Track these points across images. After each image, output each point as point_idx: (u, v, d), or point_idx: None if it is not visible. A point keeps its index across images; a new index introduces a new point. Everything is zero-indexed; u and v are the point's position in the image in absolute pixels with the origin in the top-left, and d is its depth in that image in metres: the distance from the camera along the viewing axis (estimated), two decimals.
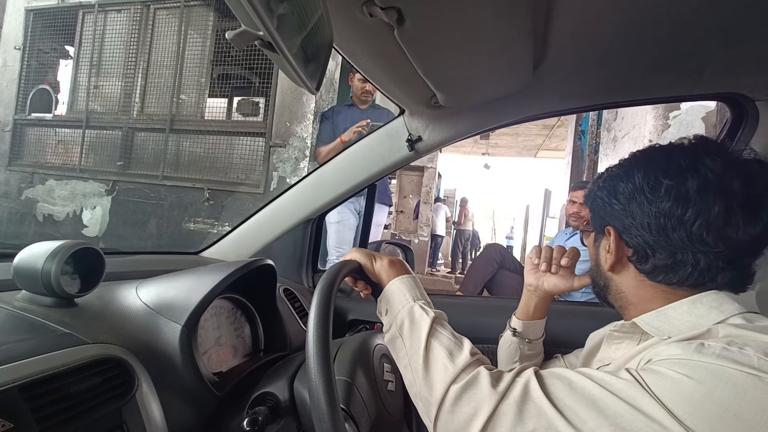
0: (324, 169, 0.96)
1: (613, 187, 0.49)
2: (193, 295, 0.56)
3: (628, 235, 0.47)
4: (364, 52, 0.55)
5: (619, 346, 0.50)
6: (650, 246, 0.45)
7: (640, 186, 0.45)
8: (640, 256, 0.47)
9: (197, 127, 3.03)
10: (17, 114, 3.57)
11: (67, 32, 3.52)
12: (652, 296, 0.47)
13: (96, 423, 0.41)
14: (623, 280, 0.50)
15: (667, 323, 0.44)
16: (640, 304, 0.48)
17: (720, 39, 0.56)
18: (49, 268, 0.48)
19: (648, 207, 0.44)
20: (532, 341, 0.68)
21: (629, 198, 0.46)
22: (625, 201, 0.47)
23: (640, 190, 0.45)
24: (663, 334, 0.43)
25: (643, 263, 0.46)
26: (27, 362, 0.39)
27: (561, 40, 0.58)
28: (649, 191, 0.45)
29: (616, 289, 0.51)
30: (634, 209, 0.46)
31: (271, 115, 2.77)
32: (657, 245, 0.44)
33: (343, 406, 0.47)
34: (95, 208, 3.23)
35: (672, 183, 0.43)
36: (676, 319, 0.44)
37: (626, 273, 0.49)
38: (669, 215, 0.43)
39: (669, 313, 0.44)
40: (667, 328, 0.43)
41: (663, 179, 0.44)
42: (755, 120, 0.69)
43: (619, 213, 0.48)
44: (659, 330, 0.44)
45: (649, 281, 0.47)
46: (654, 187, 0.44)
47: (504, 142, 7.99)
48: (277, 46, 0.26)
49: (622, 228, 0.48)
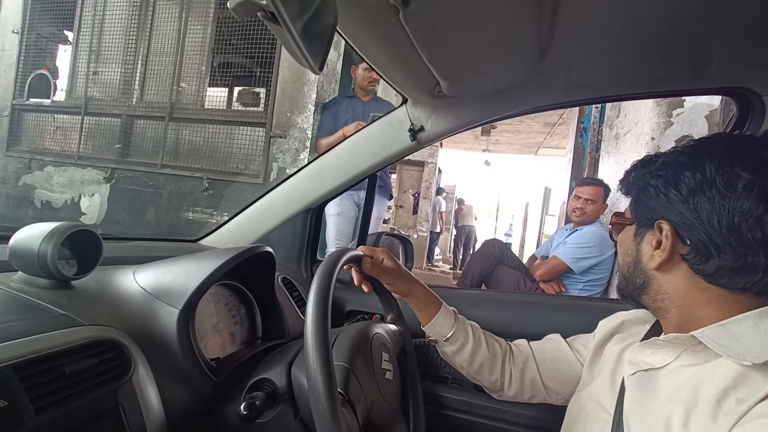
0: (325, 158, 0.95)
1: (673, 176, 0.44)
2: (191, 280, 0.56)
3: (687, 231, 0.42)
4: (368, 36, 0.54)
5: (657, 351, 0.46)
6: (716, 245, 0.40)
7: (711, 178, 0.40)
8: (699, 255, 0.42)
9: (197, 115, 3.00)
10: (15, 99, 3.53)
11: (67, 17, 3.47)
12: (706, 300, 0.43)
13: (91, 404, 0.40)
14: (670, 281, 0.45)
15: (734, 340, 0.39)
16: (688, 307, 0.44)
17: (727, 32, 0.55)
18: (45, 250, 0.48)
19: (721, 202, 0.40)
20: (448, 338, 0.69)
21: (695, 190, 0.41)
22: (688, 193, 0.42)
23: (711, 183, 0.40)
24: (734, 355, 0.38)
25: (703, 263, 0.42)
26: (22, 341, 0.39)
27: (567, 29, 0.57)
28: (724, 185, 0.40)
29: (659, 290, 0.46)
30: (701, 203, 0.41)
31: (271, 105, 2.75)
32: (725, 245, 0.40)
33: (340, 390, 0.47)
34: (93, 196, 3.22)
35: (754, 178, 0.39)
36: (744, 336, 0.39)
37: (676, 272, 0.44)
38: (747, 214, 0.39)
39: (733, 329, 0.40)
40: (735, 347, 0.38)
41: (742, 173, 0.39)
42: (761, 115, 0.68)
43: (679, 206, 0.43)
44: (728, 349, 0.39)
45: (705, 283, 0.42)
46: (730, 181, 0.39)
47: (505, 139, 7.96)
48: (280, 16, 0.25)
49: (681, 223, 0.43)
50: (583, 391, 0.59)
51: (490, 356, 0.69)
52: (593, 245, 1.97)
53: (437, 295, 0.72)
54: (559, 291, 2.04)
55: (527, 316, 0.86)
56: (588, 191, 2.05)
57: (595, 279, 2.02)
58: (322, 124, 2.47)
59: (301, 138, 2.67)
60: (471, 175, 14.00)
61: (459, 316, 0.72)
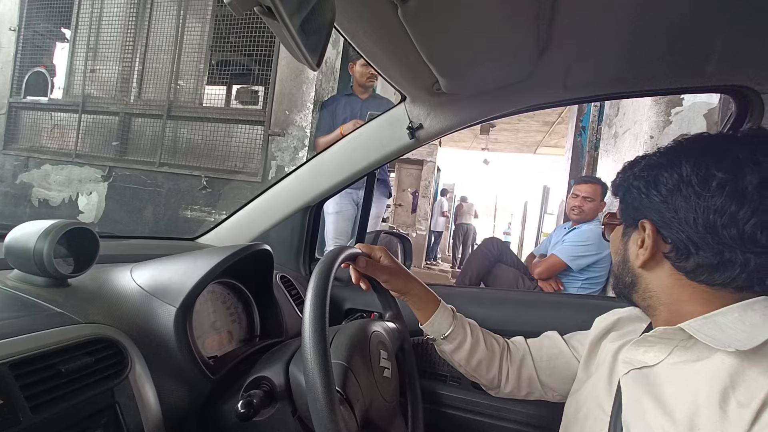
0: (323, 156, 0.95)
1: (653, 177, 0.45)
2: (189, 278, 0.55)
3: (667, 229, 0.43)
4: (367, 32, 0.54)
5: (650, 349, 0.46)
6: (694, 243, 0.41)
7: (687, 177, 0.41)
8: (680, 253, 0.43)
9: (195, 114, 2.99)
10: (12, 97, 3.51)
11: (64, 14, 3.45)
12: (690, 297, 0.44)
13: (88, 402, 0.40)
14: (655, 278, 0.46)
15: (720, 331, 0.40)
16: (674, 304, 0.45)
17: (726, 30, 0.55)
18: (42, 248, 0.48)
19: (696, 201, 0.41)
20: (446, 336, 0.68)
21: (673, 190, 0.43)
22: (667, 193, 0.43)
23: (687, 182, 0.41)
24: (721, 344, 0.39)
25: (683, 261, 0.43)
26: (18, 339, 0.39)
27: (566, 27, 0.57)
28: (699, 184, 0.41)
29: (646, 288, 0.47)
30: (678, 202, 0.42)
31: (270, 103, 2.74)
32: (702, 242, 0.41)
33: (338, 389, 0.47)
34: (91, 194, 3.21)
35: (727, 176, 0.39)
36: (729, 327, 0.39)
37: (660, 270, 0.46)
38: (721, 211, 0.39)
39: (719, 320, 0.40)
40: (723, 338, 0.39)
41: (716, 171, 0.40)
42: (760, 113, 0.68)
43: (659, 206, 0.44)
44: (715, 340, 0.39)
45: (687, 280, 0.43)
46: (705, 180, 0.40)
47: (504, 137, 7.96)
48: (276, 11, 0.25)
49: (662, 222, 0.44)
50: (580, 390, 0.59)
51: (487, 354, 0.69)
52: (591, 243, 1.98)
53: (435, 294, 0.72)
54: (557, 289, 2.05)
55: (525, 313, 0.86)
56: (586, 189, 2.06)
57: (594, 277, 2.02)
58: (321, 122, 2.47)
59: (299, 136, 2.67)
60: (470, 174, 14.00)
61: (457, 314, 0.72)
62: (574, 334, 0.70)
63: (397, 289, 0.69)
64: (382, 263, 0.68)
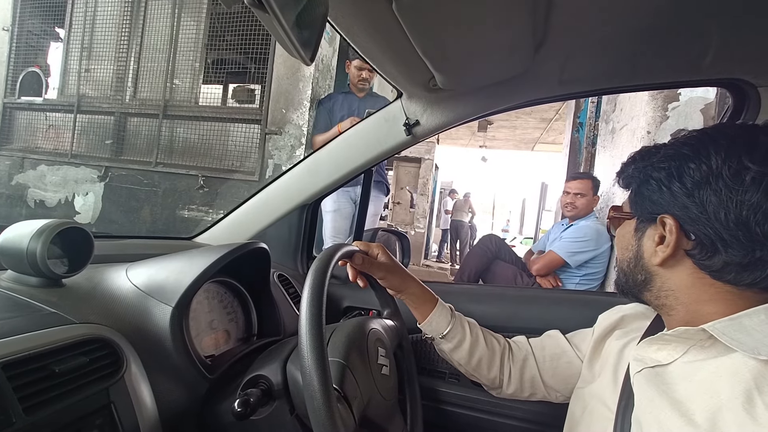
0: (320, 153, 0.94)
1: (676, 168, 0.42)
2: (185, 277, 0.55)
3: (692, 225, 0.40)
4: (362, 28, 0.54)
5: (664, 347, 0.44)
6: (723, 240, 0.39)
7: (718, 170, 0.39)
8: (705, 251, 0.40)
9: (191, 113, 2.98)
10: (6, 97, 3.48)
11: (58, 13, 3.42)
12: (711, 297, 0.41)
13: (82, 402, 0.40)
14: (674, 277, 0.43)
15: (747, 335, 0.37)
16: (693, 304, 0.42)
17: (723, 23, 0.55)
18: (35, 248, 0.47)
19: (728, 195, 0.38)
20: (445, 335, 0.68)
21: (700, 183, 0.40)
22: (693, 186, 0.40)
23: (717, 175, 0.39)
24: (748, 349, 0.37)
25: (708, 259, 0.40)
26: (11, 340, 0.38)
27: (562, 21, 0.57)
28: (731, 177, 0.38)
29: (661, 287, 0.45)
30: (708, 197, 0.39)
31: (266, 101, 2.73)
32: (733, 240, 0.38)
33: (335, 386, 0.47)
34: (87, 195, 3.19)
35: (762, 169, 0.37)
36: (756, 330, 0.37)
37: (680, 268, 0.43)
38: (756, 207, 0.37)
39: (745, 323, 0.38)
40: (749, 342, 0.37)
41: (750, 164, 0.37)
42: (757, 106, 0.68)
43: (684, 200, 0.41)
44: (741, 344, 0.37)
45: (711, 279, 0.41)
46: (737, 173, 0.38)
47: (501, 134, 7.96)
48: (267, 3, 0.25)
49: (686, 217, 0.41)
50: (585, 388, 0.58)
51: (488, 353, 0.68)
52: (589, 239, 1.98)
53: (433, 292, 0.71)
54: (555, 285, 2.05)
55: (524, 310, 0.86)
56: (576, 186, 2.06)
57: (592, 273, 2.02)
58: (318, 120, 2.46)
59: (296, 135, 2.66)
60: (468, 171, 14.00)
61: (456, 312, 0.71)
62: (576, 333, 0.69)
63: (393, 286, 0.69)
64: (378, 260, 0.67)
